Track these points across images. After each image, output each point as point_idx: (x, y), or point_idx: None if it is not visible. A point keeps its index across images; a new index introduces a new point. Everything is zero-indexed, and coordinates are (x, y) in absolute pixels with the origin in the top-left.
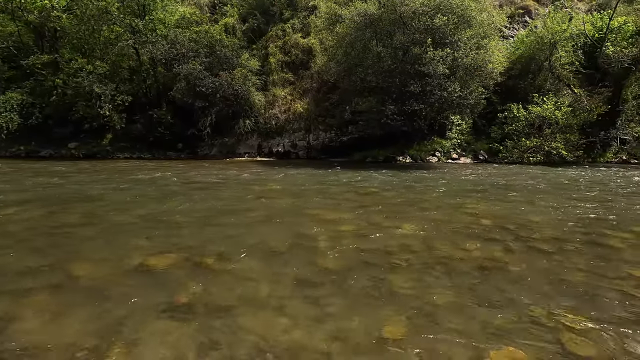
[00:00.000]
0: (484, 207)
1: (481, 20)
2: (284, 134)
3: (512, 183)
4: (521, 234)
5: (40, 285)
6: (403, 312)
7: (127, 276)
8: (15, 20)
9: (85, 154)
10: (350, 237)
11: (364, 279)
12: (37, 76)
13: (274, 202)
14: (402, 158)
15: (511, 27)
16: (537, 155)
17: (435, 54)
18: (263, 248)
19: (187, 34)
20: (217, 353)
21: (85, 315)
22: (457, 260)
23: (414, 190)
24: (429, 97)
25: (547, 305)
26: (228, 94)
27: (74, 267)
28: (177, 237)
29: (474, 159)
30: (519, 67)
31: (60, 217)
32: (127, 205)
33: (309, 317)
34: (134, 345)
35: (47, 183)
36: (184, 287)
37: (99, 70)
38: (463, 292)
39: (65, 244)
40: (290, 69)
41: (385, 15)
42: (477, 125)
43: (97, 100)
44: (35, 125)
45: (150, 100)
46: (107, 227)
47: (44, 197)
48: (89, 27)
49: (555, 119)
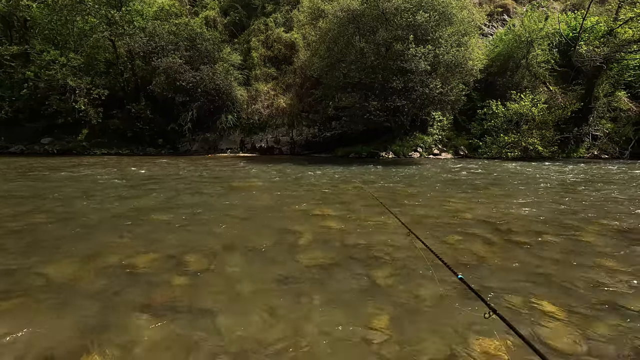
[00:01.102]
0: (465, 201)
1: (462, 17)
2: (267, 129)
3: (491, 178)
4: (500, 228)
5: (14, 288)
6: (386, 307)
7: (105, 276)
8: None
9: (60, 149)
10: (334, 232)
11: (348, 274)
12: (6, 68)
13: (257, 198)
14: (385, 154)
15: (490, 25)
16: (515, 150)
17: (417, 50)
18: (245, 245)
19: (166, 27)
20: (199, 352)
21: (64, 317)
22: (441, 255)
23: (397, 185)
24: (411, 93)
25: (523, 294)
26: (209, 89)
27: (48, 268)
28: (155, 235)
29: (455, 154)
30: (498, 65)
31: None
32: (99, 203)
33: (293, 314)
34: (115, 347)
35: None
36: (164, 286)
37: (73, 63)
38: (444, 285)
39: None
40: (273, 63)
41: (368, 11)
42: (457, 121)
43: (72, 94)
44: (5, 120)
45: (128, 94)
46: (83, 225)
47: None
48: (61, 18)
49: (532, 115)
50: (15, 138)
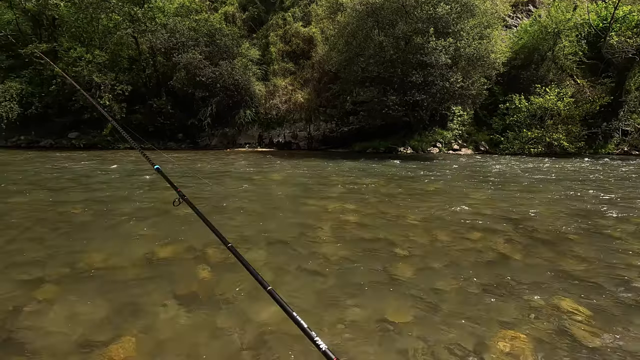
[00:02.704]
0: (486, 197)
1: (484, 9)
2: (284, 124)
3: (513, 174)
4: (522, 225)
5: (50, 274)
6: (407, 300)
7: (134, 264)
8: (12, 8)
9: (86, 144)
10: (353, 227)
11: (368, 267)
12: (36, 65)
13: (276, 192)
14: (403, 149)
15: (515, 16)
16: (539, 146)
17: (437, 43)
18: (267, 238)
19: (187, 23)
20: (226, 339)
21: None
22: (459, 251)
23: (416, 180)
24: (430, 88)
25: (549, 294)
26: (228, 84)
27: (82, 257)
28: (181, 227)
29: (475, 150)
30: (521, 57)
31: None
32: (126, 195)
33: (315, 306)
34: (146, 333)
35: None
36: (188, 276)
37: (98, 60)
38: (466, 280)
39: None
40: (291, 58)
41: (387, 4)
42: (478, 116)
43: (97, 90)
44: (35, 115)
45: (150, 90)
46: (111, 216)
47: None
48: (87, 16)
49: (558, 110)
50: (45, 132)
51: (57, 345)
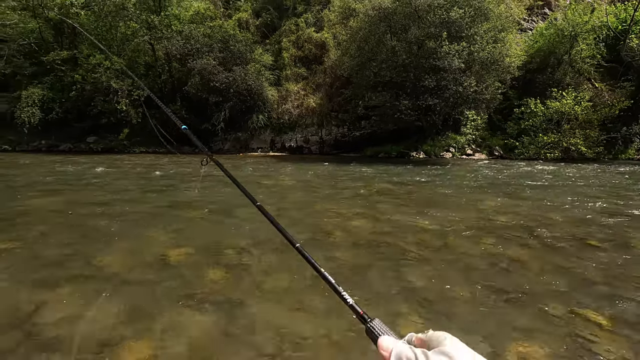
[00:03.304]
0: (501, 203)
1: (499, 12)
2: (296, 129)
3: (529, 179)
4: (539, 231)
5: (68, 274)
6: (419, 307)
7: (147, 267)
8: (36, 17)
9: (103, 148)
10: (365, 232)
11: (380, 273)
12: (57, 72)
13: (288, 196)
14: (415, 153)
15: (530, 19)
16: (555, 151)
17: (450, 48)
18: (279, 242)
19: (201, 29)
20: (238, 343)
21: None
22: (475, 257)
23: (429, 185)
24: (443, 92)
25: (566, 303)
26: (241, 89)
27: (99, 258)
28: (194, 229)
29: (489, 154)
30: (537, 61)
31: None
32: (142, 198)
33: (327, 310)
34: (161, 334)
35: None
36: (201, 279)
37: (116, 66)
38: (481, 288)
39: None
40: (303, 63)
41: (400, 9)
42: (492, 120)
43: (115, 96)
44: (55, 120)
45: (165, 95)
46: (125, 218)
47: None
48: (106, 23)
49: (575, 114)
50: (65, 137)
51: (72, 342)
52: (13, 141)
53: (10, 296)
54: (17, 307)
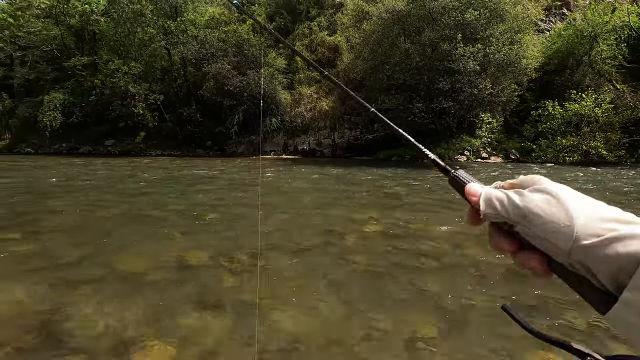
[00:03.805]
0: None
1: (515, 14)
2: (309, 132)
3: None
4: None
5: (87, 276)
6: (434, 313)
7: (163, 268)
8: (58, 25)
9: (121, 151)
10: (379, 237)
11: (393, 278)
12: (78, 77)
13: (302, 200)
14: None
15: (547, 20)
16: (574, 154)
17: (465, 50)
18: (293, 246)
19: (216, 34)
20: (250, 345)
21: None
22: (490, 264)
23: (443, 189)
24: (458, 95)
25: (588, 314)
26: (255, 93)
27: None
28: (209, 233)
29: (505, 158)
30: (555, 63)
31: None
32: (162, 201)
33: (340, 315)
34: (175, 335)
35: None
36: (215, 281)
37: (134, 71)
38: (497, 295)
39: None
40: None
41: (413, 12)
42: (508, 123)
43: (132, 100)
44: (76, 124)
45: (181, 99)
46: (143, 221)
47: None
48: (124, 30)
49: (595, 116)
50: (84, 140)
51: (92, 343)
52: (36, 144)
53: (34, 296)
54: (40, 307)
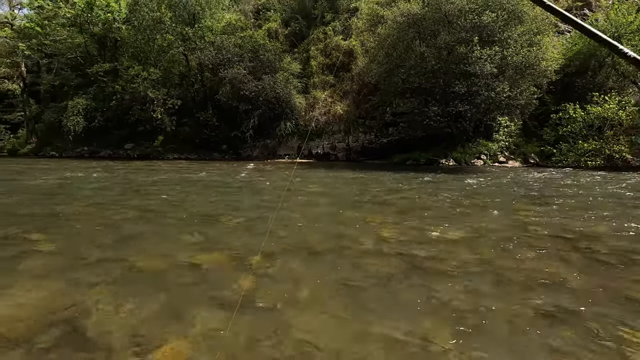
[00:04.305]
0: (537, 213)
1: (534, 15)
2: (323, 136)
3: (569, 188)
4: (580, 244)
5: (106, 275)
6: (450, 321)
7: (179, 270)
8: (82, 33)
9: (139, 154)
10: (393, 241)
11: (408, 283)
12: (100, 83)
13: (315, 203)
14: (445, 161)
15: None
16: (597, 159)
17: (482, 52)
18: (306, 249)
19: (232, 40)
20: (264, 349)
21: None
22: (509, 271)
23: (459, 194)
24: (474, 98)
25: (612, 323)
26: (270, 97)
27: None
28: (222, 234)
29: (524, 162)
30: (576, 64)
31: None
32: (179, 202)
33: (353, 320)
34: (189, 334)
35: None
36: (229, 284)
37: (153, 76)
38: (515, 302)
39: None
40: (331, 71)
41: (429, 15)
42: (527, 126)
43: (151, 104)
44: (97, 128)
45: (198, 103)
46: (159, 223)
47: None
48: (144, 37)
49: (619, 119)
50: (105, 144)
51: (111, 342)
52: (60, 147)
53: (54, 295)
54: (62, 304)
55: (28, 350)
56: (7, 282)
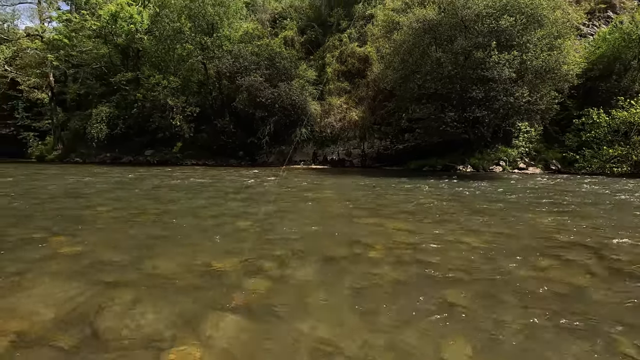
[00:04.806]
0: (558, 221)
1: (554, 18)
2: (338, 142)
3: (592, 195)
4: (603, 254)
5: (124, 278)
6: (466, 332)
7: (194, 274)
8: (107, 44)
9: (159, 160)
10: (407, 248)
11: (422, 292)
12: (122, 91)
13: (329, 209)
14: (462, 167)
15: (590, 24)
16: (623, 165)
17: (500, 57)
18: (318, 255)
19: (250, 48)
20: (275, 352)
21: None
22: (527, 280)
23: (477, 200)
24: (492, 103)
25: (636, 337)
26: (286, 104)
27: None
28: (236, 239)
29: (545, 168)
30: (600, 68)
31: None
32: (197, 210)
33: (365, 328)
34: (202, 339)
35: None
36: (243, 288)
37: (173, 85)
38: (534, 313)
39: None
40: (346, 77)
41: (445, 20)
42: (548, 132)
43: (170, 112)
44: (119, 135)
45: (215, 111)
46: (177, 227)
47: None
48: (165, 46)
49: None
50: (127, 150)
51: (127, 343)
52: (84, 154)
53: (75, 296)
54: (83, 306)
55: (48, 347)
56: (32, 281)
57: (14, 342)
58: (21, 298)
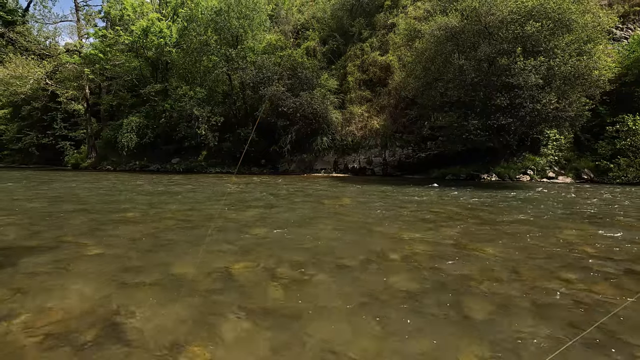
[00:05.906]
0: (586, 233)
1: (584, 23)
2: (359, 150)
3: (625, 207)
4: (634, 268)
5: (145, 279)
6: (483, 345)
7: (209, 278)
8: (138, 57)
9: (185, 168)
10: (425, 257)
11: (438, 302)
12: (152, 102)
13: (348, 217)
14: (487, 176)
15: (624, 27)
16: None
17: (526, 63)
18: (335, 262)
19: (272, 59)
20: (288, 355)
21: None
22: (550, 291)
23: (500, 210)
24: (518, 111)
25: None
26: (307, 113)
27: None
28: (258, 245)
29: (576, 177)
30: (635, 73)
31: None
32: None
33: (378, 335)
34: (216, 340)
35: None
36: (257, 292)
37: (199, 95)
38: (557, 328)
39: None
40: (367, 86)
41: (468, 27)
42: (579, 140)
43: (196, 121)
44: (148, 144)
45: (239, 120)
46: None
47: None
48: (192, 59)
49: None
50: (154, 158)
51: (145, 341)
52: (115, 162)
53: (99, 296)
54: (104, 305)
55: (72, 343)
56: (59, 282)
57: (45, 335)
58: (52, 296)
